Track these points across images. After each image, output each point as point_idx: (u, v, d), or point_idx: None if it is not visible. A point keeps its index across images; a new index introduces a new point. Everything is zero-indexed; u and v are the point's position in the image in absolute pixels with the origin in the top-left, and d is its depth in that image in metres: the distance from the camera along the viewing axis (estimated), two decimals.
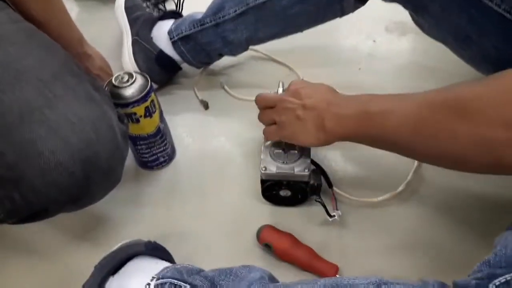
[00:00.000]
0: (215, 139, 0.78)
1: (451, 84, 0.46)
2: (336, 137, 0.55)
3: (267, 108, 0.62)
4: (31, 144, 0.42)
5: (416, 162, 0.69)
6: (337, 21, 0.78)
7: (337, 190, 0.65)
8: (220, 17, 0.77)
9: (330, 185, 0.64)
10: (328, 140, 0.55)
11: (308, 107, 0.55)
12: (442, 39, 0.65)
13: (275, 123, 0.60)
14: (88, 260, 0.53)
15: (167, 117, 0.71)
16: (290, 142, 0.60)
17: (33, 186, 0.43)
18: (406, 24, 0.84)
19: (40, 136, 0.42)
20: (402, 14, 0.70)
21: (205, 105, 0.83)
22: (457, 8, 0.58)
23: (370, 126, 0.50)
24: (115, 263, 0.51)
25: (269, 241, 0.60)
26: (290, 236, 0.61)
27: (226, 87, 0.86)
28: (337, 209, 0.61)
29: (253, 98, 0.65)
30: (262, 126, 0.65)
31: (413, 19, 0.69)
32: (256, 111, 0.65)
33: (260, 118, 0.64)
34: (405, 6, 0.67)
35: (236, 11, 0.76)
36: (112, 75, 0.62)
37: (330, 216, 0.60)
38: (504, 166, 0.41)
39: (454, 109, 0.43)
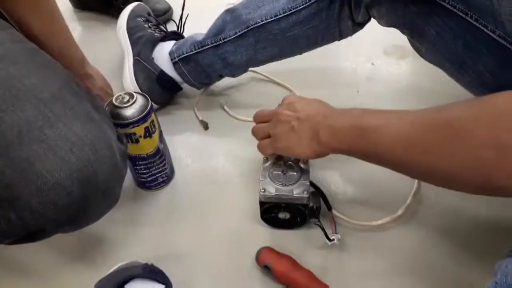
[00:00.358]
0: (214, 160, 0.78)
1: (444, 104, 0.47)
2: (330, 150, 0.55)
3: (262, 123, 0.63)
4: (28, 163, 0.42)
5: (415, 185, 0.69)
6: (336, 44, 0.79)
7: (337, 213, 0.65)
8: (220, 39, 0.78)
9: (329, 207, 0.64)
10: (323, 152, 0.56)
11: (302, 119, 0.56)
12: (438, 64, 0.66)
13: (269, 136, 0.61)
14: (84, 281, 0.53)
15: (166, 137, 0.71)
16: (284, 155, 0.61)
17: (30, 206, 0.43)
18: (405, 48, 0.85)
19: (39, 155, 0.42)
20: (400, 37, 0.71)
21: (205, 126, 0.83)
22: (453, 34, 0.59)
23: (362, 141, 0.51)
24: (112, 286, 0.50)
25: (269, 262, 0.59)
26: (289, 258, 0.60)
27: (226, 107, 0.86)
28: (336, 233, 0.61)
29: (253, 119, 0.66)
30: None
31: (411, 43, 0.70)
32: None
33: (254, 132, 0.64)
34: (402, 31, 0.68)
35: (236, 33, 0.77)
36: (113, 95, 0.62)
37: (329, 240, 0.60)
38: (492, 188, 0.41)
39: (446, 129, 0.44)
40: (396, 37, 0.72)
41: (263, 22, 0.75)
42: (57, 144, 0.43)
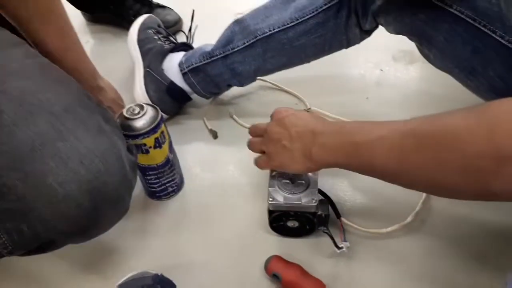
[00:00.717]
0: (223, 169, 0.78)
1: (440, 112, 0.46)
2: (325, 165, 0.56)
3: (257, 137, 0.64)
4: (41, 176, 0.43)
5: (425, 193, 0.68)
6: (345, 50, 0.79)
7: (345, 221, 0.65)
8: (229, 49, 0.79)
9: (338, 215, 0.64)
10: (318, 168, 0.57)
11: (293, 137, 0.56)
12: (447, 70, 0.66)
13: (264, 152, 0.62)
14: None
15: (176, 147, 0.72)
16: (280, 171, 0.62)
17: (41, 218, 0.44)
18: (413, 53, 0.84)
19: (51, 168, 0.43)
20: (409, 43, 0.70)
21: (214, 135, 0.84)
22: (461, 40, 0.59)
23: (357, 157, 0.51)
24: None
25: (277, 271, 0.59)
26: (298, 267, 0.60)
27: (235, 116, 0.87)
28: (345, 240, 0.61)
29: None
30: None
31: (419, 49, 0.70)
32: None
33: (249, 146, 0.66)
34: (410, 38, 0.68)
35: (244, 43, 0.78)
36: (124, 107, 0.63)
37: (338, 248, 0.59)
38: (491, 194, 0.41)
39: (442, 140, 0.43)
40: (404, 42, 0.72)
41: (271, 32, 0.76)
42: (68, 157, 0.44)
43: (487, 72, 0.59)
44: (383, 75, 0.94)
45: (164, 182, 0.70)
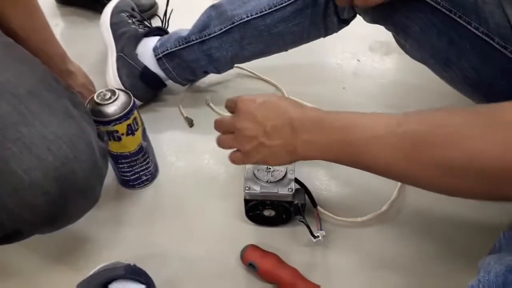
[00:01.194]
0: (199, 157, 0.77)
1: (433, 108, 0.43)
2: (312, 159, 0.51)
3: (226, 133, 0.57)
4: (3, 162, 0.41)
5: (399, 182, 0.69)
6: (322, 40, 0.79)
7: (322, 210, 0.65)
8: (205, 35, 0.77)
9: (314, 204, 0.64)
10: (304, 159, 0.53)
11: (270, 133, 0.51)
12: (423, 60, 0.66)
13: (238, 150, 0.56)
14: (66, 283, 0.52)
15: (150, 135, 0.70)
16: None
17: (5, 206, 0.41)
18: (390, 44, 0.85)
19: (14, 154, 0.41)
20: (385, 33, 0.71)
21: (190, 123, 0.82)
22: (437, 31, 0.59)
23: (351, 156, 0.47)
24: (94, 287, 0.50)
25: (253, 261, 0.59)
26: (274, 256, 0.60)
27: (211, 104, 0.85)
28: (321, 229, 0.61)
29: None
30: None
31: (396, 39, 0.70)
32: None
33: (220, 144, 0.58)
34: (387, 28, 0.68)
35: (221, 29, 0.76)
36: (95, 92, 0.61)
37: (314, 236, 0.60)
38: (503, 198, 0.40)
39: (449, 146, 0.40)
40: (381, 33, 0.72)
41: (248, 18, 0.74)
42: (33, 142, 0.42)
43: (461, 63, 0.60)
44: (360, 65, 0.95)
45: (138, 170, 0.68)
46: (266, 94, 0.55)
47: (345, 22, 0.75)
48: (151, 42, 0.82)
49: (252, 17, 0.74)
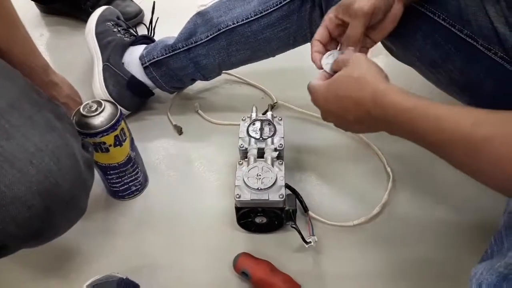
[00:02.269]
0: (189, 166, 0.76)
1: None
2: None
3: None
4: None
5: (390, 184, 0.69)
6: (309, 44, 0.79)
7: (313, 215, 0.65)
8: (192, 42, 0.77)
9: (305, 209, 0.64)
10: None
11: (354, 122, 0.52)
12: (409, 63, 0.67)
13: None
14: None
15: (139, 144, 0.69)
16: None
17: None
18: (377, 46, 0.85)
19: None
20: None
21: (179, 130, 0.82)
22: (422, 34, 0.60)
23: (434, 152, 0.45)
24: None
25: (246, 268, 0.58)
26: (267, 263, 0.60)
27: (200, 111, 0.85)
28: (313, 235, 0.61)
29: (228, 122, 0.64)
30: (236, 151, 0.65)
31: (382, 42, 0.71)
32: (231, 136, 0.64)
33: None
34: None
35: (208, 36, 0.76)
36: (81, 103, 0.61)
37: (306, 242, 0.59)
38: None
39: None
40: None
41: (234, 25, 0.74)
42: (15, 156, 0.41)
43: (447, 65, 0.60)
44: None
45: (127, 181, 0.67)
46: (339, 79, 0.53)
47: None
48: (137, 50, 0.82)
49: (238, 24, 0.73)
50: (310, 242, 0.60)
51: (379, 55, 0.97)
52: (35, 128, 0.44)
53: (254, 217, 0.62)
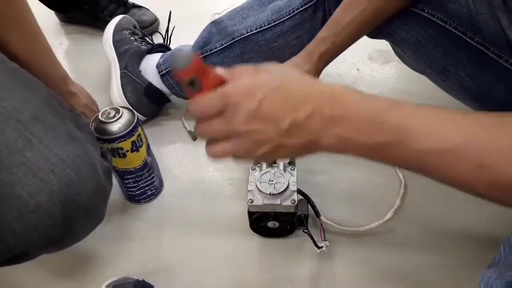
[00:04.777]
0: (203, 171, 0.78)
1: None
2: (339, 153, 0.40)
3: (210, 117, 0.40)
4: (9, 187, 0.42)
5: (402, 189, 0.70)
6: None
7: (325, 220, 0.65)
8: (207, 50, 0.79)
9: (317, 214, 0.65)
10: (326, 152, 0.40)
11: (291, 132, 0.38)
12: (421, 70, 0.68)
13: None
14: None
15: (155, 149, 0.71)
16: None
17: (12, 230, 0.42)
18: (389, 52, 0.86)
19: (19, 178, 0.42)
20: (384, 42, 0.72)
21: (193, 136, 0.84)
22: (433, 42, 0.61)
23: (406, 162, 0.37)
24: None
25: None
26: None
27: None
28: (325, 240, 0.61)
29: None
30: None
31: (394, 50, 0.72)
32: None
33: (212, 154, 0.42)
34: (385, 39, 0.69)
35: (222, 44, 0.78)
36: (98, 112, 0.62)
37: (318, 247, 0.60)
38: None
39: None
40: (380, 42, 0.73)
41: (248, 34, 0.76)
42: (38, 166, 0.43)
43: (458, 72, 0.61)
44: (359, 75, 0.96)
45: (143, 185, 0.69)
46: (260, 77, 0.39)
47: None
48: (154, 58, 0.84)
49: (252, 32, 0.75)
50: (322, 247, 0.60)
51: (391, 61, 0.98)
52: (57, 138, 0.46)
53: (266, 221, 0.63)
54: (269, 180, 0.62)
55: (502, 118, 0.35)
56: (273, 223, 0.63)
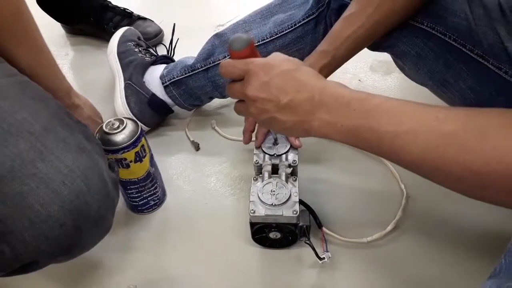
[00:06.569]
0: (205, 181, 0.78)
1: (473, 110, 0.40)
2: (329, 138, 0.47)
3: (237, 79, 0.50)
4: (21, 197, 0.43)
5: (404, 200, 0.70)
6: None
7: (327, 231, 0.66)
8: (210, 62, 0.80)
9: (319, 225, 0.65)
10: (320, 137, 0.48)
11: (285, 109, 0.46)
12: (421, 82, 0.68)
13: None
14: None
15: (158, 159, 0.72)
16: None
17: (23, 239, 0.43)
18: (391, 63, 0.86)
19: (31, 189, 0.43)
20: (385, 53, 0.73)
21: (196, 146, 0.84)
22: (433, 54, 0.61)
23: (375, 146, 0.43)
24: None
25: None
26: None
27: (216, 127, 0.88)
28: (327, 251, 0.62)
29: None
30: (251, 166, 0.67)
31: (395, 61, 0.72)
32: (246, 152, 0.65)
33: (229, 93, 0.52)
34: (386, 51, 0.70)
35: (225, 56, 0.79)
36: (101, 123, 0.63)
37: (320, 258, 0.60)
38: None
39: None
40: (381, 53, 0.74)
41: None
42: (49, 177, 0.44)
43: (458, 84, 0.61)
44: (361, 85, 0.96)
45: (146, 196, 0.69)
46: (281, 58, 0.49)
47: None
48: (157, 70, 0.85)
49: (254, 45, 0.76)
50: (324, 258, 0.60)
51: (392, 72, 0.98)
52: (68, 150, 0.47)
53: (268, 232, 0.63)
54: (271, 191, 0.63)
55: (457, 111, 0.40)
56: (275, 233, 0.63)
